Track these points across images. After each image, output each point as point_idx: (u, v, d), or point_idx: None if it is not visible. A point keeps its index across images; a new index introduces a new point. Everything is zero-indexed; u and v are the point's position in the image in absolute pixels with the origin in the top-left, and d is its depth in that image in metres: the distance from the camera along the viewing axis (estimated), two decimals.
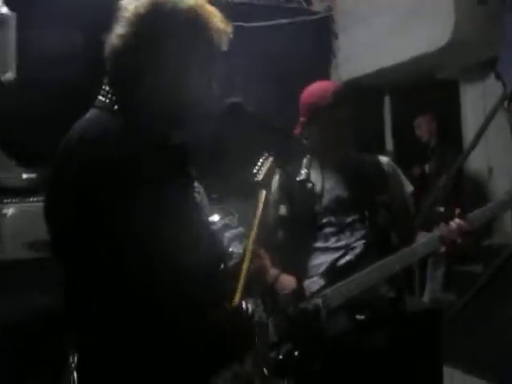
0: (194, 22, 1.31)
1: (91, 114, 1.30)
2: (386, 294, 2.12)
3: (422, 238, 2.11)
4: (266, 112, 1.69)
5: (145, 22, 1.28)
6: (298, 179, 2.14)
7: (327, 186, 2.21)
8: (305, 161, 2.25)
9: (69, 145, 1.24)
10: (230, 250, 3.63)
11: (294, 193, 2.17)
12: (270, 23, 4.88)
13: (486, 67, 4.90)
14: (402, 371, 2.08)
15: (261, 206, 2.35)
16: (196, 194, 1.43)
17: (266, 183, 2.37)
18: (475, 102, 5.16)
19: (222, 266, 1.49)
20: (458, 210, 2.05)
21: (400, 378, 2.07)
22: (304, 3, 5.31)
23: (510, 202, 2.06)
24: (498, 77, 3.80)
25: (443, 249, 2.05)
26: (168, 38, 1.29)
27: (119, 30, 1.30)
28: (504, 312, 3.61)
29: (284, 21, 4.97)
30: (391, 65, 4.87)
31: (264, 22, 4.86)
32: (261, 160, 2.47)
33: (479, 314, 3.81)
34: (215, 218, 3.90)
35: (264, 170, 2.41)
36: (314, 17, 5.35)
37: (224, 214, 3.87)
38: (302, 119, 2.23)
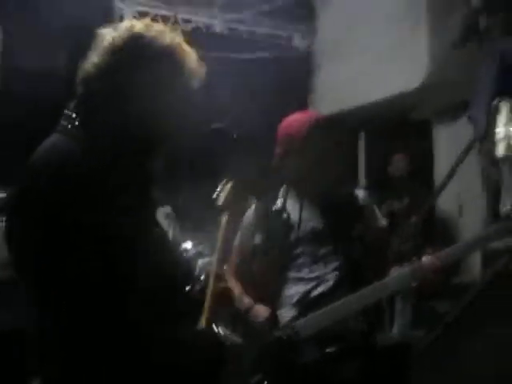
0: (170, 57, 1.34)
1: (54, 138, 1.30)
2: (358, 326, 2.12)
3: (394, 273, 2.12)
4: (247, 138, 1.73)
5: (122, 53, 1.30)
6: (273, 209, 2.16)
7: (303, 216, 2.21)
8: (281, 190, 2.29)
9: (33, 167, 1.25)
10: (201, 278, 3.62)
11: (269, 222, 2.18)
12: (248, 57, 4.97)
13: (459, 109, 5.05)
14: None
15: (223, 230, 2.37)
16: (158, 220, 1.43)
17: (226, 207, 2.39)
18: (447, 141, 5.30)
19: (188, 287, 1.48)
20: (429, 249, 2.09)
21: None
22: (286, 40, 5.43)
23: (478, 242, 2.10)
24: (469, 120, 3.91)
25: (414, 284, 2.06)
26: (142, 71, 1.31)
27: (95, 58, 1.31)
28: (470, 349, 3.64)
29: (266, 54, 5.07)
30: (366, 103, 5.00)
31: (244, 55, 4.96)
32: (221, 185, 2.50)
33: (446, 350, 3.83)
34: (188, 245, 3.91)
35: (224, 194, 2.43)
36: (293, 53, 5.47)
37: (197, 242, 3.88)
38: (278, 150, 2.24)
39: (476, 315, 3.66)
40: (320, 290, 2.13)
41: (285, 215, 2.12)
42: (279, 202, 2.21)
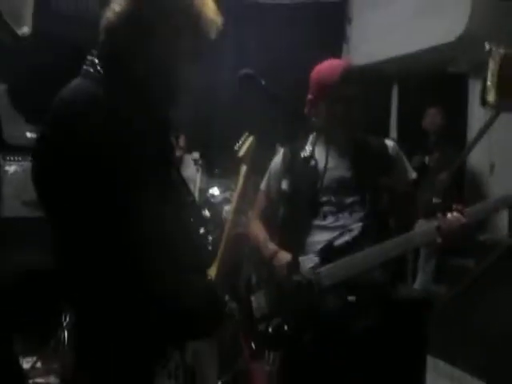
0: (189, 8, 1.36)
1: (78, 81, 1.32)
2: (380, 278, 2.12)
3: (420, 228, 2.10)
4: (277, 88, 1.70)
5: (142, 4, 1.33)
6: (302, 155, 2.15)
7: (331, 164, 2.18)
8: (311, 138, 2.26)
9: (58, 108, 1.27)
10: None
11: (297, 169, 2.16)
12: (284, 2, 4.86)
13: None
14: (386, 355, 2.10)
15: (241, 180, 2.40)
16: (173, 172, 1.45)
17: (246, 159, 2.41)
18: None
19: (203, 231, 1.51)
20: (456, 205, 2.03)
21: (384, 361, 2.09)
22: None
23: (508, 199, 2.06)
24: None
25: (439, 240, 2.04)
26: (162, 21, 1.33)
27: (116, 7, 1.34)
28: (493, 307, 3.65)
29: (299, 1, 4.95)
30: (403, 54, 4.87)
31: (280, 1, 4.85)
32: (243, 137, 2.52)
33: (468, 307, 3.84)
34: (215, 191, 3.95)
35: (245, 146, 2.46)
36: (331, 1, 5.33)
37: (224, 189, 3.91)
38: (310, 96, 2.23)
39: (500, 274, 3.65)
40: (344, 239, 2.13)
41: (313, 162, 2.11)
42: (308, 149, 2.19)
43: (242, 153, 2.47)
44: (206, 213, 3.64)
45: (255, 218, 2.45)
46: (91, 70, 1.32)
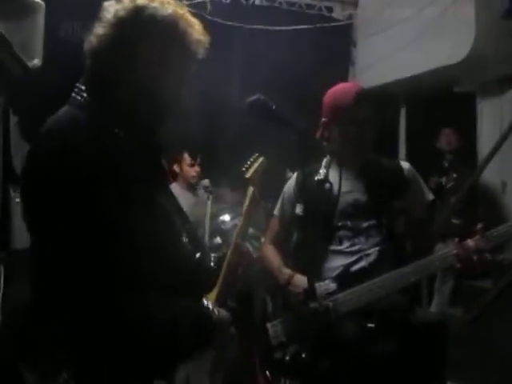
0: (173, 29, 1.36)
1: (65, 109, 1.33)
2: (398, 302, 2.09)
3: (438, 253, 2.04)
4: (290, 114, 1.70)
5: (125, 26, 1.32)
6: (316, 178, 2.14)
7: (345, 188, 2.17)
8: (324, 161, 2.25)
9: (42, 134, 1.29)
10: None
11: (311, 192, 2.14)
12: (290, 28, 4.90)
13: (504, 83, 4.89)
14: (405, 381, 2.06)
15: (248, 201, 2.37)
16: (166, 197, 1.43)
17: (254, 180, 2.39)
18: (491, 117, 5.14)
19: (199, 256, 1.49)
20: (479, 225, 1.98)
21: None
22: (325, 11, 5.33)
23: None
24: None
25: (458, 265, 1.98)
26: (146, 43, 1.32)
27: (99, 30, 1.33)
28: (510, 329, 3.59)
29: (304, 26, 4.99)
30: (409, 76, 4.88)
31: (285, 26, 4.89)
32: (252, 158, 2.49)
33: (485, 329, 3.78)
34: (226, 217, 3.91)
35: (253, 167, 2.43)
36: (335, 24, 5.37)
37: (235, 215, 3.87)
38: (323, 120, 2.22)
39: None
40: (361, 264, 2.11)
41: (327, 185, 2.09)
42: (322, 173, 2.19)
43: (249, 174, 2.44)
44: (218, 240, 3.62)
45: (268, 242, 2.43)
46: (77, 97, 1.32)
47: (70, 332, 1.22)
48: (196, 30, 1.40)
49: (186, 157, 4.34)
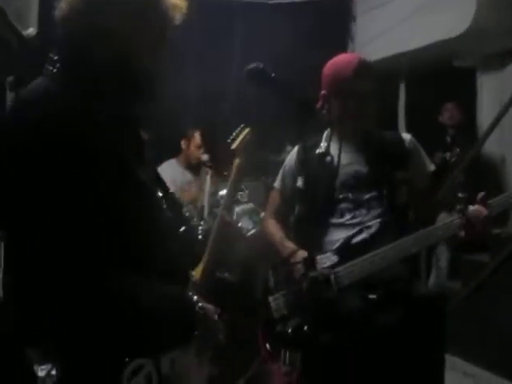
0: None
1: (38, 81, 1.27)
2: (400, 274, 2.08)
3: (440, 223, 2.04)
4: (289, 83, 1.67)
5: None
6: (317, 152, 2.12)
7: (346, 160, 2.16)
8: (325, 134, 2.24)
9: (13, 108, 1.26)
10: (239, 224, 3.65)
11: (312, 165, 2.12)
12: (289, 1, 4.85)
13: (505, 57, 4.85)
14: (406, 353, 2.06)
15: (234, 172, 2.34)
16: (145, 170, 1.37)
17: (239, 151, 2.35)
18: (492, 90, 5.11)
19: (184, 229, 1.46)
20: (481, 194, 1.99)
21: (404, 360, 2.05)
22: None
23: None
24: None
25: (462, 234, 1.98)
26: (118, 8, 1.26)
27: None
28: (507, 302, 3.61)
29: (305, 0, 4.94)
30: (409, 50, 4.84)
31: (285, 0, 4.84)
32: (238, 129, 2.46)
33: (483, 303, 3.81)
34: (224, 192, 3.90)
35: (239, 138, 2.40)
36: None
37: None
38: (323, 92, 2.19)
39: None
40: (362, 236, 2.10)
41: (328, 158, 2.08)
42: (323, 146, 2.17)
43: (235, 145, 2.40)
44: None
45: (270, 216, 2.42)
46: (50, 67, 1.27)
47: (53, 318, 1.16)
48: None
49: (197, 136, 4.32)
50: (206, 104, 4.81)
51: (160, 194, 1.41)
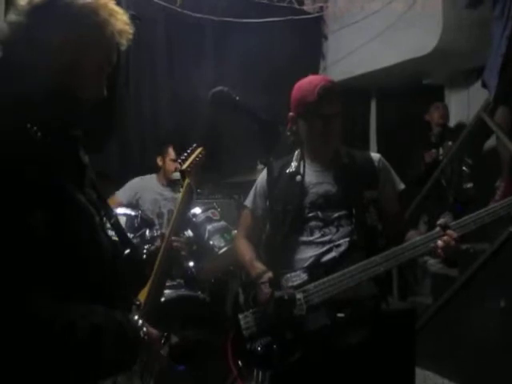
0: (92, 19, 1.27)
1: None
2: (369, 291, 2.10)
3: (407, 242, 2.04)
4: (253, 105, 1.69)
5: (39, 14, 1.23)
6: (287, 171, 2.14)
7: (315, 180, 2.19)
8: (295, 154, 2.26)
9: None
10: (211, 242, 3.64)
11: (282, 185, 2.14)
12: (261, 20, 4.88)
13: (471, 74, 4.98)
14: (376, 370, 2.08)
15: (183, 194, 2.32)
16: (85, 193, 1.34)
17: (190, 172, 2.34)
18: (459, 106, 5.25)
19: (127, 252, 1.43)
20: (441, 221, 2.00)
21: (374, 376, 2.07)
22: (296, 3, 5.33)
23: (498, 210, 2.02)
24: (484, 85, 3.83)
25: (427, 253, 2.02)
26: (61, 33, 1.24)
27: (12, 18, 1.24)
28: (478, 316, 3.66)
29: (275, 19, 4.98)
30: (379, 68, 4.93)
31: (256, 19, 4.88)
32: (189, 149, 2.46)
33: (454, 317, 3.85)
34: (197, 210, 3.90)
35: (190, 159, 2.38)
36: (305, 16, 5.37)
37: (206, 208, 3.87)
38: (291, 114, 2.22)
39: (484, 283, 3.67)
40: (332, 255, 2.12)
41: (298, 178, 2.09)
42: (293, 165, 2.19)
43: (185, 166, 2.36)
44: (189, 233, 3.61)
45: (241, 236, 2.43)
46: None
47: None
48: (119, 19, 1.32)
49: (171, 151, 4.31)
50: (179, 122, 4.81)
51: (102, 217, 1.37)
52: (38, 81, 1.22)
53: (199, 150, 2.45)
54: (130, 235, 3.14)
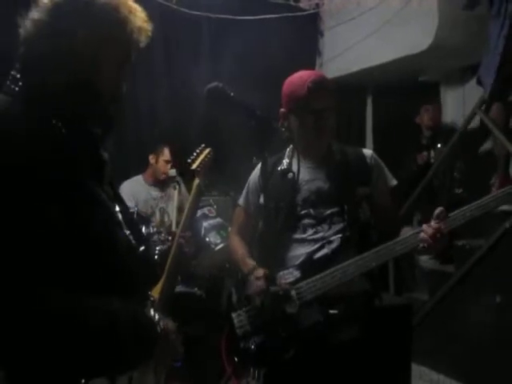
0: (113, 16, 1.29)
1: None
2: (362, 287, 2.10)
3: (399, 237, 2.05)
4: (249, 101, 1.70)
5: (61, 11, 1.26)
6: (279, 168, 2.14)
7: (307, 177, 2.18)
8: (287, 150, 2.25)
9: None
10: (207, 239, 3.66)
11: (274, 182, 2.13)
12: (257, 17, 4.88)
13: (466, 72, 4.99)
14: (371, 366, 2.09)
15: (193, 194, 2.33)
16: (105, 188, 1.36)
17: (199, 172, 2.35)
18: (455, 103, 5.26)
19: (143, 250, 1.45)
20: (438, 210, 1.99)
21: (369, 373, 2.07)
22: (292, 0, 5.33)
23: (483, 207, 2.03)
24: (479, 82, 3.84)
25: (421, 248, 1.99)
26: (83, 30, 1.26)
27: (35, 15, 1.26)
28: (474, 312, 3.68)
29: (271, 16, 4.98)
30: (375, 65, 4.93)
31: (252, 16, 4.87)
32: (198, 149, 2.47)
33: (450, 313, 3.87)
34: (204, 209, 3.88)
35: (199, 159, 2.40)
36: (301, 13, 5.37)
37: (203, 204, 3.88)
38: (282, 109, 2.20)
39: (480, 278, 3.68)
40: (324, 251, 2.12)
41: (290, 175, 2.09)
42: (285, 162, 2.19)
43: (195, 165, 2.38)
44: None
45: (234, 233, 2.43)
46: (12, 86, 1.26)
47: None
48: (138, 16, 1.34)
49: (166, 152, 4.31)
50: (176, 120, 4.80)
51: (119, 214, 1.40)
52: (61, 76, 1.25)
53: (207, 150, 2.48)
54: None
